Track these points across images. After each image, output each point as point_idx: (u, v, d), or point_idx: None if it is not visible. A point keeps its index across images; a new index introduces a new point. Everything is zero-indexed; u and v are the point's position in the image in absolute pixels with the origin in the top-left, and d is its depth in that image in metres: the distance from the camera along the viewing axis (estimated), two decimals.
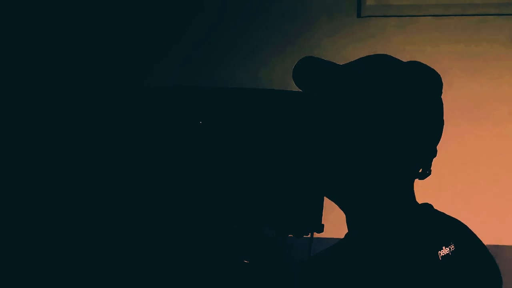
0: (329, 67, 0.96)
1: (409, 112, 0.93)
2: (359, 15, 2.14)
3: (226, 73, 2.18)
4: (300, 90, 0.96)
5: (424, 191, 1.06)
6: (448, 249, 0.86)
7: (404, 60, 1.00)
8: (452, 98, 2.06)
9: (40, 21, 2.24)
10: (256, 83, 2.11)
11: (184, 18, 2.24)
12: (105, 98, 2.17)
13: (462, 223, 0.94)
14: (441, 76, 1.00)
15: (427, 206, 0.99)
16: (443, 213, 0.98)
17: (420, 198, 1.03)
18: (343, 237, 1.02)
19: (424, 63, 1.01)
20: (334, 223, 1.08)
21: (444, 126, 1.00)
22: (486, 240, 1.99)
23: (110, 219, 2.04)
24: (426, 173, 0.97)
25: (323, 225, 0.91)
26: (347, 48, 2.10)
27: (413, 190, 1.00)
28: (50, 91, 2.20)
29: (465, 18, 2.10)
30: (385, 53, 1.02)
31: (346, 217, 1.00)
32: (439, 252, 0.85)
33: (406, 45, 2.06)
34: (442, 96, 1.00)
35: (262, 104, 0.86)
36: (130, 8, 2.25)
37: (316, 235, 0.96)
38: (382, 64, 0.96)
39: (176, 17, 2.24)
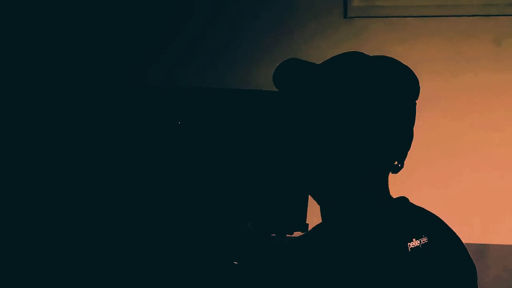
0: (306, 68, 0.97)
1: (384, 109, 0.94)
2: (345, 16, 2.14)
3: (214, 74, 2.19)
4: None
5: (412, 191, 1.05)
6: (418, 241, 0.87)
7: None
8: (438, 98, 2.08)
9: (38, 21, 2.24)
10: (244, 84, 2.11)
11: (174, 21, 2.24)
12: (99, 98, 2.17)
13: (438, 217, 0.95)
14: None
15: (402, 200, 1.01)
16: (419, 207, 0.98)
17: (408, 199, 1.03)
18: None
19: (410, 63, 1.02)
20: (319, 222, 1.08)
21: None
22: (472, 239, 2.00)
23: (101, 217, 2.04)
24: (398, 167, 0.98)
25: (307, 224, 0.91)
26: (334, 48, 2.08)
27: (387, 183, 1.01)
28: (47, 90, 2.20)
29: (451, 19, 2.11)
30: (371, 54, 1.03)
31: (320, 208, 1.01)
32: (409, 244, 0.86)
33: (392, 45, 2.07)
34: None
35: (242, 104, 0.86)
36: (122, 11, 2.25)
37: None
38: (356, 62, 0.97)
39: (165, 21, 2.24)
